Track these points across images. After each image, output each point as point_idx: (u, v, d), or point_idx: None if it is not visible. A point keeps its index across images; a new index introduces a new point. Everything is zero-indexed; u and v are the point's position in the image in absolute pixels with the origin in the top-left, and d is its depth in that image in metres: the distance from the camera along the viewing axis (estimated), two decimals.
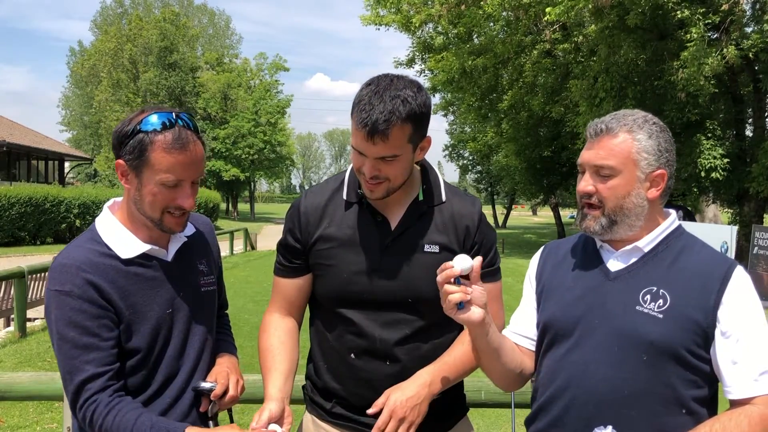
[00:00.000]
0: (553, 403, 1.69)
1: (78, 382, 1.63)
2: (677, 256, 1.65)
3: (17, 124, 37.69)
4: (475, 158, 47.70)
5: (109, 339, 1.66)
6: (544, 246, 1.93)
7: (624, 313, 1.62)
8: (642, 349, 1.58)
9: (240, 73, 50.01)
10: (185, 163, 1.66)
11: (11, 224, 22.87)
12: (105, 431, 1.63)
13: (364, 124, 1.67)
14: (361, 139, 1.70)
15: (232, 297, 2.25)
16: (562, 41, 20.50)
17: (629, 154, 1.63)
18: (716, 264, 1.62)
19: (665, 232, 1.69)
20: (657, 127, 1.67)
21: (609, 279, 1.68)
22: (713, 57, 14.55)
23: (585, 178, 1.68)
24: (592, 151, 1.67)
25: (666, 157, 1.66)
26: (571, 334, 1.69)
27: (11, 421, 5.34)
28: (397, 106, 1.67)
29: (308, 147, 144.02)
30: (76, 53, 62.00)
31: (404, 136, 1.71)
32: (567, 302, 1.72)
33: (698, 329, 1.56)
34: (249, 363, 6.81)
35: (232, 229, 24.24)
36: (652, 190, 1.65)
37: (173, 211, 1.71)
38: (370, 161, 1.73)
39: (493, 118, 28.15)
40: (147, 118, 1.66)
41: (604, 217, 1.65)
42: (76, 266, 1.66)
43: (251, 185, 56.15)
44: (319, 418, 1.97)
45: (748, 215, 17.81)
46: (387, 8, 24.89)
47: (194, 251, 1.88)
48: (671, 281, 1.61)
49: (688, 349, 1.56)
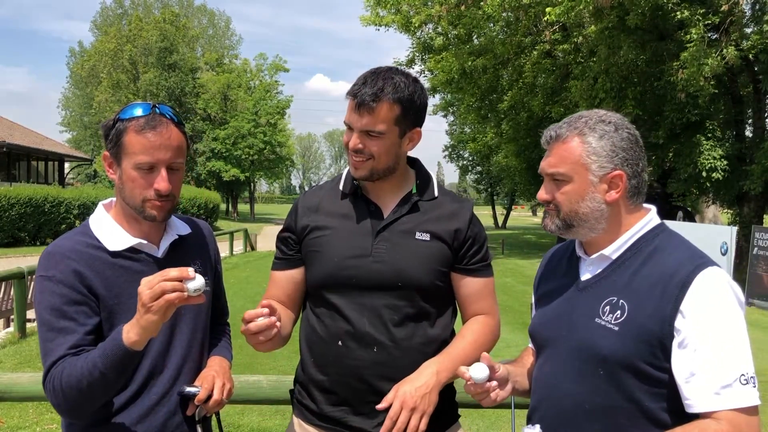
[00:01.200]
0: (534, 414, 1.72)
1: (50, 363, 1.63)
2: (644, 262, 1.57)
3: (17, 125, 37.65)
4: (474, 159, 47.73)
5: (87, 324, 1.66)
6: (549, 251, 1.93)
7: (584, 325, 1.59)
8: (598, 363, 1.54)
9: (240, 73, 50.02)
10: (157, 144, 1.69)
11: (11, 225, 22.86)
12: (64, 388, 1.60)
13: (354, 95, 1.81)
14: (350, 111, 1.83)
15: (231, 297, 2.25)
16: (561, 42, 20.50)
17: (578, 159, 1.59)
18: (680, 268, 1.51)
19: (635, 236, 1.62)
20: (611, 126, 1.60)
21: (578, 290, 1.66)
22: (713, 58, 14.55)
23: (543, 185, 1.68)
24: (546, 159, 1.66)
25: (622, 157, 1.58)
26: (546, 345, 1.71)
27: (11, 422, 5.33)
28: (388, 86, 1.80)
29: (308, 148, 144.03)
30: (76, 54, 62.02)
31: (391, 115, 1.81)
32: (545, 313, 1.75)
33: (655, 341, 1.47)
34: (249, 363, 6.81)
35: (232, 229, 24.25)
36: (610, 193, 1.59)
37: (151, 197, 1.72)
38: (356, 134, 1.83)
39: (492, 119, 28.14)
40: (125, 109, 1.73)
41: (558, 219, 1.64)
42: (62, 254, 1.70)
43: (251, 186, 56.15)
44: (306, 421, 1.97)
45: (747, 216, 17.81)
46: (387, 9, 24.88)
47: (189, 250, 1.89)
48: (632, 290, 1.54)
49: (647, 362, 1.48)
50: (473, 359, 1.86)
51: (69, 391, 1.60)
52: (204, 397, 1.78)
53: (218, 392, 1.80)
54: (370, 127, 1.81)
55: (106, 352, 1.58)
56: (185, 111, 47.63)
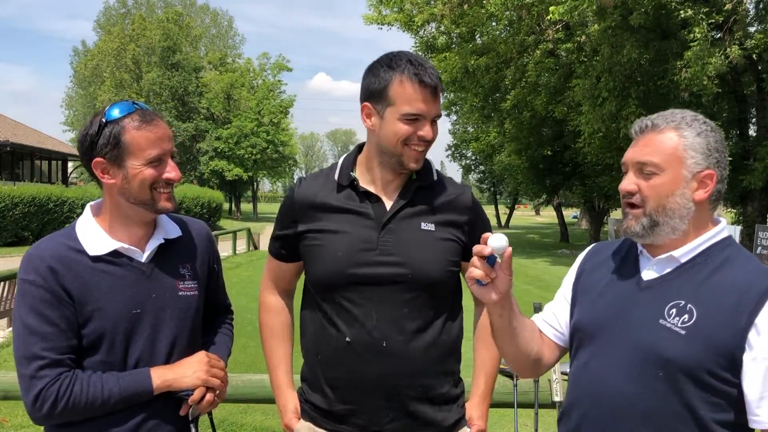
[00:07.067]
0: (573, 410, 1.66)
1: (35, 368, 1.63)
2: (715, 270, 1.53)
3: (21, 124, 37.72)
4: (477, 158, 47.65)
5: (68, 329, 1.67)
6: (593, 244, 1.88)
7: (646, 325, 1.54)
8: (658, 365, 1.49)
9: (243, 73, 50.00)
10: (159, 135, 1.72)
11: (15, 224, 22.89)
12: (73, 405, 1.64)
13: (430, 80, 1.76)
14: (424, 99, 1.77)
15: (234, 296, 2.25)
16: (564, 41, 20.47)
17: (675, 151, 1.53)
18: (756, 280, 1.47)
19: (707, 243, 1.57)
20: (707, 126, 1.56)
21: (640, 288, 1.60)
22: (716, 57, 14.51)
23: (628, 176, 1.60)
24: (636, 148, 1.59)
25: (716, 158, 1.54)
26: (595, 341, 1.64)
27: (14, 421, 5.35)
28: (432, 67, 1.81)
29: (311, 147, 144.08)
30: (79, 53, 62.06)
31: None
32: (596, 308, 1.67)
33: (724, 351, 1.44)
34: (252, 363, 6.82)
35: (235, 229, 24.25)
36: (699, 192, 1.54)
37: (162, 187, 1.74)
38: (429, 123, 1.81)
39: (495, 118, 28.13)
40: (107, 112, 1.71)
41: (645, 217, 1.56)
42: (42, 257, 1.70)
43: (254, 185, 56.15)
44: (315, 423, 1.94)
45: (751, 215, 17.77)
46: (390, 7, 24.90)
47: (177, 254, 1.86)
48: (702, 296, 1.50)
49: (710, 371, 1.45)
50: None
51: (72, 407, 1.65)
52: (198, 397, 1.78)
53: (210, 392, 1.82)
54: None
55: (127, 386, 1.68)
56: (188, 110, 47.67)
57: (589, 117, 18.14)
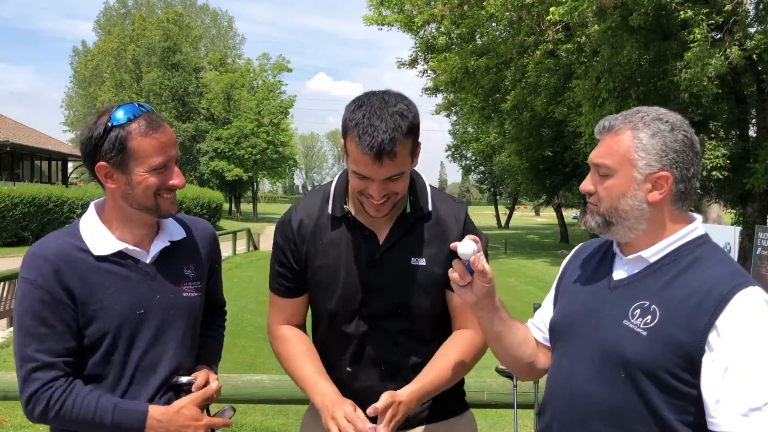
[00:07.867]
0: (546, 408, 1.71)
1: (28, 369, 1.63)
2: (683, 271, 1.52)
3: (21, 125, 37.69)
4: (477, 159, 47.67)
5: (66, 332, 1.66)
6: (579, 245, 1.89)
7: (612, 326, 1.55)
8: (620, 365, 1.51)
9: (243, 73, 50.03)
10: (165, 142, 1.69)
11: (15, 224, 22.89)
12: (64, 416, 1.64)
13: (370, 147, 1.63)
14: (366, 164, 1.66)
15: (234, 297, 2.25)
16: (564, 41, 20.47)
17: (626, 153, 1.54)
18: (720, 283, 1.46)
19: (678, 242, 1.57)
20: (667, 125, 1.54)
21: (609, 288, 1.62)
22: (716, 57, 14.50)
23: (588, 176, 1.64)
24: (596, 149, 1.62)
25: (672, 158, 1.53)
26: (566, 340, 1.67)
27: (14, 421, 5.35)
28: (398, 123, 1.65)
29: (311, 147, 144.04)
30: (79, 53, 62.02)
31: (407, 151, 1.70)
32: (570, 307, 1.71)
33: (682, 352, 1.43)
34: (251, 363, 6.80)
35: (235, 229, 24.27)
36: (653, 193, 1.54)
37: (166, 193, 1.72)
38: (378, 183, 1.70)
39: (495, 119, 28.13)
40: (113, 115, 1.66)
41: (599, 216, 1.60)
42: (45, 256, 1.67)
43: (254, 185, 56.16)
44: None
45: (751, 216, 17.75)
46: (390, 8, 24.90)
47: (182, 255, 1.85)
48: (666, 297, 1.50)
49: (671, 372, 1.45)
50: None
51: (63, 417, 1.65)
52: (202, 383, 1.80)
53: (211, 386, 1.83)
54: (393, 173, 1.69)
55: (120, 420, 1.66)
56: (188, 111, 47.69)
57: (589, 117, 18.11)
